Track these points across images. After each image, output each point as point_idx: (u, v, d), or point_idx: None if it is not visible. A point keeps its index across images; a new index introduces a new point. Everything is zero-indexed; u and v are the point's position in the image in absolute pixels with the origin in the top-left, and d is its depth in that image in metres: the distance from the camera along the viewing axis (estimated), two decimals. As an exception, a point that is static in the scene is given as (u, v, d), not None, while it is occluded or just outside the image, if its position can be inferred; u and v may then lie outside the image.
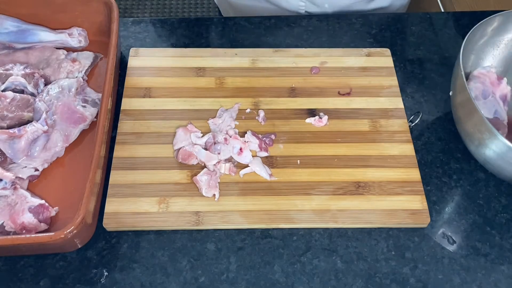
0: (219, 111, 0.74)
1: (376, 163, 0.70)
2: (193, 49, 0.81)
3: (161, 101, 0.75)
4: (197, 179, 0.66)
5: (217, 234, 0.65)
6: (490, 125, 0.60)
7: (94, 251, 0.63)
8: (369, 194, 0.67)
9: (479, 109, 0.61)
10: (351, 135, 0.72)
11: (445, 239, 0.65)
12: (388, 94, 0.77)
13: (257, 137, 0.70)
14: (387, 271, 0.62)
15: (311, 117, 0.73)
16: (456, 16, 0.91)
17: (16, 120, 0.69)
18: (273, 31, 0.86)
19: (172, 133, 0.71)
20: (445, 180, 0.70)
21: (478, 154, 0.67)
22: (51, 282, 0.60)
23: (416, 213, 0.65)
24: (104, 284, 0.61)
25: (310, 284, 0.61)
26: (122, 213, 0.64)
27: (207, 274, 0.62)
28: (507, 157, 0.61)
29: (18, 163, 0.67)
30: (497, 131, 0.59)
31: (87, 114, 0.72)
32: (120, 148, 0.70)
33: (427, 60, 0.83)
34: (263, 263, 0.63)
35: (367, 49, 0.82)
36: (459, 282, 0.62)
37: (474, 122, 0.64)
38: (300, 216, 0.65)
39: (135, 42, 0.83)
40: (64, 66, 0.75)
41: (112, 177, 0.67)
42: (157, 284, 0.61)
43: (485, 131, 0.61)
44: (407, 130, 0.73)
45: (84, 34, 0.80)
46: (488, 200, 0.69)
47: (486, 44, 0.75)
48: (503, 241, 0.65)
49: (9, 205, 0.62)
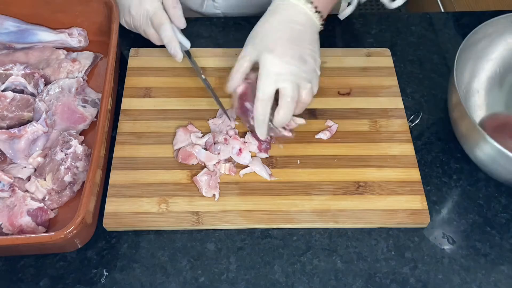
0: (219, 111, 0.74)
1: (376, 163, 0.70)
2: (193, 49, 0.81)
3: (161, 101, 0.75)
4: (197, 179, 0.66)
5: (217, 234, 0.65)
6: (480, 129, 0.60)
7: (94, 251, 0.63)
8: (369, 194, 0.67)
9: (469, 112, 0.61)
10: (351, 135, 0.72)
11: (445, 239, 0.65)
12: (388, 94, 0.77)
13: (257, 138, 0.70)
14: (387, 271, 0.62)
15: (320, 133, 0.72)
16: (456, 16, 0.91)
17: (16, 120, 0.69)
18: (273, 31, 0.86)
19: (172, 133, 0.71)
20: (445, 180, 0.70)
21: (473, 156, 0.67)
22: (51, 282, 0.60)
23: (416, 213, 0.65)
24: (104, 284, 0.61)
25: (310, 284, 0.61)
26: (122, 213, 0.64)
27: (207, 274, 0.61)
28: (499, 160, 0.61)
29: (18, 163, 0.67)
30: (488, 135, 0.59)
31: (87, 114, 0.72)
32: (120, 148, 0.70)
33: (427, 60, 0.83)
34: (263, 263, 0.63)
35: (367, 49, 0.82)
36: (459, 282, 0.62)
37: (466, 125, 0.64)
38: (300, 216, 0.65)
39: (135, 42, 0.83)
40: (64, 66, 0.75)
41: (112, 177, 0.67)
42: (157, 284, 0.61)
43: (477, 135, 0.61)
44: (407, 130, 0.73)
45: (84, 34, 0.80)
46: (488, 200, 0.69)
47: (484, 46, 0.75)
48: (503, 241, 0.65)
49: (7, 207, 0.62)
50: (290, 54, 0.61)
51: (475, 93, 0.77)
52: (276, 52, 0.61)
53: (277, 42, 0.62)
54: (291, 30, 0.63)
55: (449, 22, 0.89)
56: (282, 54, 0.61)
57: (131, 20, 0.75)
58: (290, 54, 0.61)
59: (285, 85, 0.61)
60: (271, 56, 0.61)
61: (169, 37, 0.71)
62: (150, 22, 0.72)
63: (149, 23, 0.73)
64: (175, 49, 0.71)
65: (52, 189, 0.64)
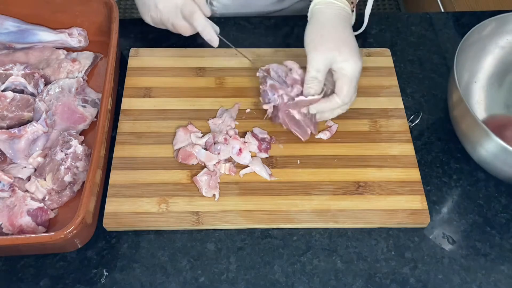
0: (219, 111, 0.74)
1: (376, 163, 0.70)
2: (193, 49, 0.81)
3: (161, 101, 0.75)
4: (197, 179, 0.66)
5: (217, 234, 0.65)
6: (483, 125, 0.60)
7: (94, 251, 0.63)
8: (369, 194, 0.67)
9: (472, 110, 0.62)
10: (351, 135, 0.72)
11: (445, 239, 0.65)
12: (388, 94, 0.77)
13: (257, 138, 0.70)
14: (387, 271, 0.62)
15: (320, 133, 0.72)
16: (456, 16, 0.91)
17: (16, 120, 0.69)
18: (273, 31, 0.86)
19: (172, 133, 0.71)
20: (445, 180, 0.70)
21: (475, 154, 0.67)
22: (51, 282, 0.60)
23: (416, 213, 0.65)
24: (104, 284, 0.61)
25: (310, 284, 0.61)
26: (122, 213, 0.64)
27: (207, 274, 0.61)
28: (502, 158, 0.61)
29: (18, 163, 0.66)
30: (491, 132, 0.59)
31: (87, 114, 0.72)
32: (120, 148, 0.70)
33: (427, 60, 0.83)
34: (263, 263, 0.63)
35: (367, 49, 0.82)
36: (459, 282, 0.62)
37: (468, 123, 0.64)
38: (300, 216, 0.65)
39: (135, 42, 0.83)
40: (64, 66, 0.75)
41: (112, 177, 0.67)
42: (157, 284, 0.61)
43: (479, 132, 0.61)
44: (407, 130, 0.73)
45: (84, 34, 0.80)
46: (488, 200, 0.69)
47: (483, 46, 0.75)
48: (503, 241, 0.65)
49: (7, 206, 0.62)
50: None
51: (474, 93, 0.77)
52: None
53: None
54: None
55: (449, 22, 0.89)
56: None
57: (159, 14, 0.75)
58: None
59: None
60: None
61: (204, 23, 0.72)
62: (180, 13, 0.73)
63: (179, 15, 0.74)
64: (211, 34, 0.73)
65: (52, 189, 0.64)
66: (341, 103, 0.68)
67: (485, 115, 0.76)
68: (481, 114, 0.76)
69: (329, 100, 0.68)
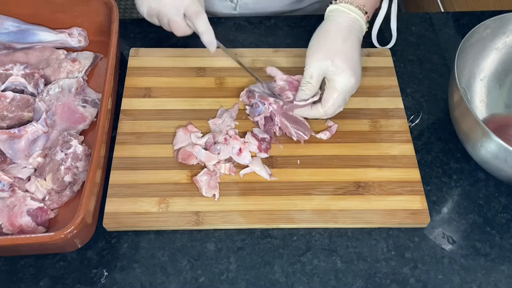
0: (219, 111, 0.74)
1: (376, 163, 0.70)
2: (193, 49, 0.81)
3: (161, 101, 0.75)
4: (197, 179, 0.66)
5: (217, 234, 0.65)
6: (484, 125, 0.60)
7: (94, 251, 0.63)
8: (369, 194, 0.67)
9: (472, 110, 0.62)
10: (351, 135, 0.72)
11: (445, 239, 0.65)
12: (388, 94, 0.77)
13: (257, 138, 0.70)
14: (387, 271, 0.62)
15: (320, 133, 0.72)
16: (456, 16, 0.91)
17: (16, 120, 0.69)
18: (273, 31, 0.86)
19: (172, 133, 0.71)
20: (445, 180, 0.70)
21: (475, 154, 0.67)
22: (51, 282, 0.60)
23: (416, 213, 0.65)
24: (104, 284, 0.61)
25: (310, 284, 0.61)
26: (122, 213, 0.64)
27: (207, 274, 0.61)
28: (502, 158, 0.61)
29: (18, 163, 0.66)
30: (492, 132, 0.59)
31: (87, 114, 0.72)
32: (120, 148, 0.70)
33: (427, 60, 0.83)
34: (263, 263, 0.63)
35: (367, 49, 0.82)
36: (459, 282, 0.62)
37: (468, 122, 0.64)
38: (300, 216, 0.65)
39: (135, 42, 0.83)
40: (64, 66, 0.75)
41: (112, 177, 0.67)
42: (157, 284, 0.61)
43: (480, 132, 0.61)
44: (407, 130, 0.73)
45: (84, 34, 0.80)
46: (488, 200, 0.69)
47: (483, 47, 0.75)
48: (503, 241, 0.65)
49: (7, 206, 0.62)
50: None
51: (475, 93, 0.77)
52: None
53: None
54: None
55: (449, 22, 0.89)
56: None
57: (159, 7, 0.73)
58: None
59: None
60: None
61: (207, 25, 0.72)
62: (181, 11, 0.72)
63: (180, 13, 0.73)
64: (212, 37, 0.73)
65: (52, 189, 0.64)
66: (323, 114, 0.69)
67: (486, 115, 0.76)
68: (482, 114, 0.76)
69: (313, 109, 0.69)
